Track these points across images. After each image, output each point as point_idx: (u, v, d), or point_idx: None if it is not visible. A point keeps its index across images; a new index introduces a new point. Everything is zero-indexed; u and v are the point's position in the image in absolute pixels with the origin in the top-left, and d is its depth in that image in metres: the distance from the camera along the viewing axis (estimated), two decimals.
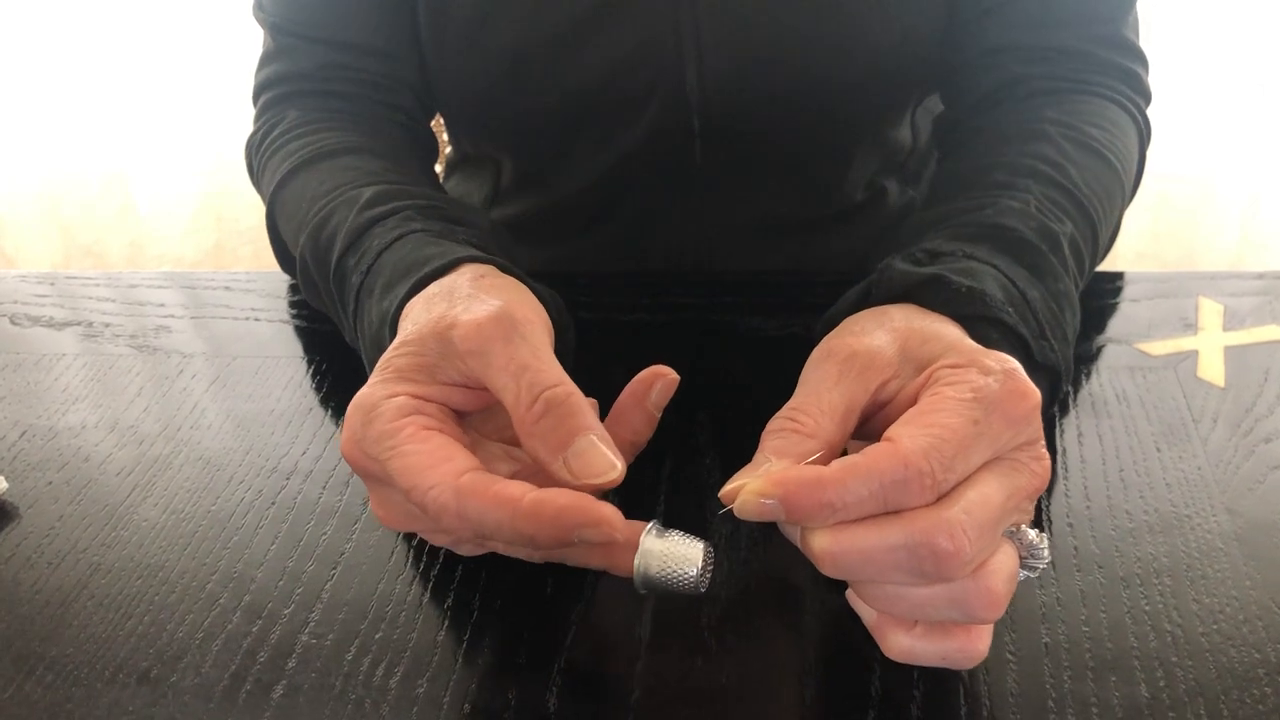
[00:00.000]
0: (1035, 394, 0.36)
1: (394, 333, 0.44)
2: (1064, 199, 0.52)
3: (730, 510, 0.35)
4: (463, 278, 0.44)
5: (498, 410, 0.41)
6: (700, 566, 0.36)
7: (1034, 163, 0.53)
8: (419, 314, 0.42)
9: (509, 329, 0.39)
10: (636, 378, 0.41)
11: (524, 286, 0.45)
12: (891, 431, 0.35)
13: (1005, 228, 0.47)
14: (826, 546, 0.34)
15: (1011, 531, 0.36)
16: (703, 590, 0.36)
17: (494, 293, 0.42)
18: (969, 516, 0.33)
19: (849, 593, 0.38)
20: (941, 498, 0.34)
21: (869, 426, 0.39)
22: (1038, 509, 0.47)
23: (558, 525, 0.35)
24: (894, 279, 0.44)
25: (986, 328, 0.42)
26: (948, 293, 0.42)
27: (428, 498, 0.36)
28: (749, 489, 0.34)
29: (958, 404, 0.34)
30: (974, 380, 0.35)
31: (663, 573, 0.36)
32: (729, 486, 0.36)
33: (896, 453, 0.33)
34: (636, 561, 0.36)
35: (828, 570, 0.35)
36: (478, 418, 0.42)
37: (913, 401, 0.37)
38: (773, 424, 0.38)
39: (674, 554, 0.36)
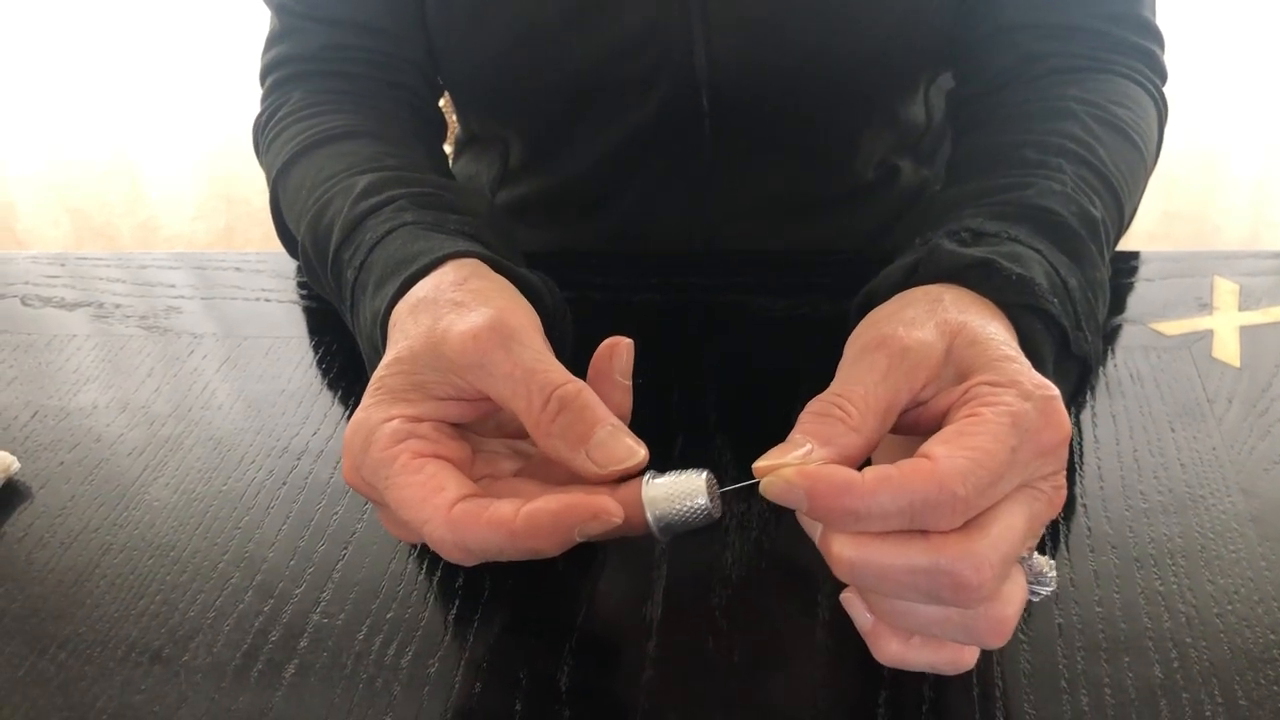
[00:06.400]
0: (1068, 426, 0.35)
1: (384, 333, 0.43)
2: (1095, 179, 0.51)
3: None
4: (445, 279, 0.43)
5: (494, 412, 0.40)
6: (707, 494, 0.36)
7: (1063, 141, 0.52)
8: (407, 325, 0.41)
9: (506, 337, 0.38)
10: (595, 355, 0.40)
11: (510, 286, 0.43)
12: (929, 449, 0.34)
13: (1047, 210, 0.47)
14: (846, 554, 0.34)
15: (1023, 557, 0.35)
16: (717, 516, 0.36)
17: (481, 298, 0.41)
18: (995, 551, 0.33)
19: (846, 595, 0.37)
20: (968, 523, 0.33)
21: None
22: None
23: (557, 531, 0.35)
24: (941, 259, 0.43)
25: (1031, 318, 0.42)
26: (998, 279, 0.41)
27: (424, 531, 0.36)
28: (782, 474, 0.34)
29: (996, 428, 0.33)
30: (1012, 404, 0.34)
31: (675, 512, 0.36)
32: (765, 463, 0.35)
33: (934, 473, 0.32)
34: (646, 513, 0.36)
35: (842, 576, 0.34)
36: (475, 422, 0.41)
37: (944, 409, 0.36)
38: (817, 405, 0.37)
39: (678, 491, 0.36)
